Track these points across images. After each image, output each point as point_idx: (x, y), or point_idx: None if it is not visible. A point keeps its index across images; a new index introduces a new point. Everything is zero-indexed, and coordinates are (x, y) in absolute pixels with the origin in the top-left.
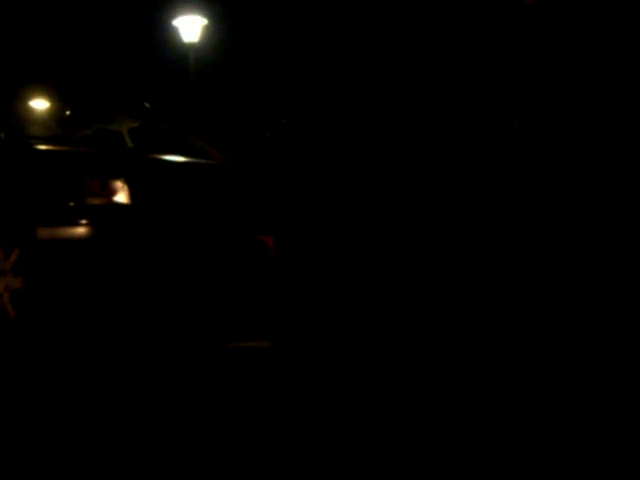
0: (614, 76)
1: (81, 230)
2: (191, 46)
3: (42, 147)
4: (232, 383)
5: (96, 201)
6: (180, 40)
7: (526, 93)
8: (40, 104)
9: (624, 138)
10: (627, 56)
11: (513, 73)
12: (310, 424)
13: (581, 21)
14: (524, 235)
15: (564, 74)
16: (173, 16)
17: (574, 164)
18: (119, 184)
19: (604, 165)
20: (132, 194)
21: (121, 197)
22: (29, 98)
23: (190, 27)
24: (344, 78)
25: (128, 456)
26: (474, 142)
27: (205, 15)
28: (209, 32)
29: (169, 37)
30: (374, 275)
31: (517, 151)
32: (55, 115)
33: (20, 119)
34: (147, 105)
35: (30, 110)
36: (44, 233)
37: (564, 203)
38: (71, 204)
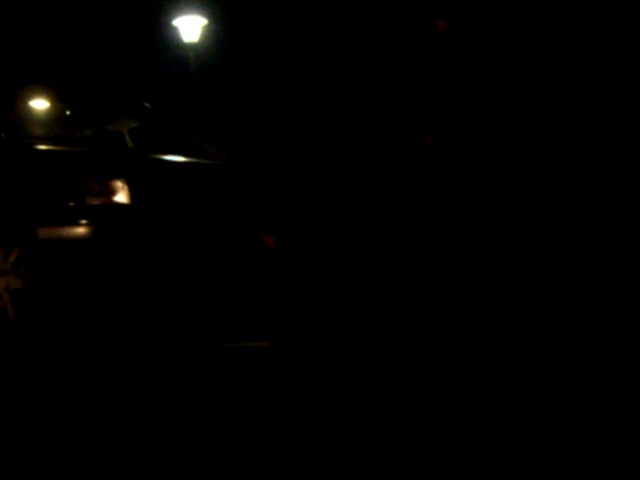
0: (517, 97)
1: (81, 230)
2: (191, 46)
3: (42, 147)
4: (232, 383)
5: (96, 201)
6: (180, 40)
7: (440, 110)
8: (40, 104)
9: (526, 152)
10: (527, 77)
11: (429, 93)
12: (310, 424)
13: (486, 48)
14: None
15: (472, 94)
16: (173, 16)
17: (482, 174)
18: (119, 184)
19: (511, 175)
20: (132, 194)
21: (121, 197)
22: (29, 98)
23: (190, 27)
24: (343, 78)
25: (128, 456)
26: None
27: (205, 15)
28: (209, 32)
29: (169, 37)
30: (375, 275)
31: (431, 162)
32: (55, 115)
33: (20, 119)
34: (147, 105)
35: (30, 110)
36: (44, 233)
37: (477, 209)
38: (71, 204)
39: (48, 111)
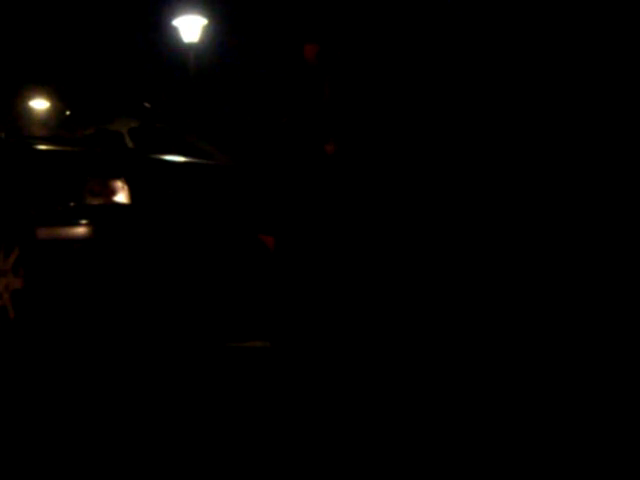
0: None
1: (81, 230)
2: (191, 46)
3: (42, 147)
4: (232, 383)
5: (96, 201)
6: (180, 40)
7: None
8: (40, 104)
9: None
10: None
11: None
12: (309, 424)
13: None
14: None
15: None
16: (173, 16)
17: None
18: (119, 184)
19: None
20: (132, 194)
21: (121, 197)
22: (29, 98)
23: (190, 27)
24: (343, 78)
25: (128, 456)
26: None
27: (205, 15)
28: (209, 32)
29: (169, 37)
30: (374, 274)
31: (332, 169)
32: (55, 115)
33: (20, 119)
34: (147, 105)
35: (30, 110)
36: (44, 233)
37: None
38: (71, 204)
39: (48, 111)
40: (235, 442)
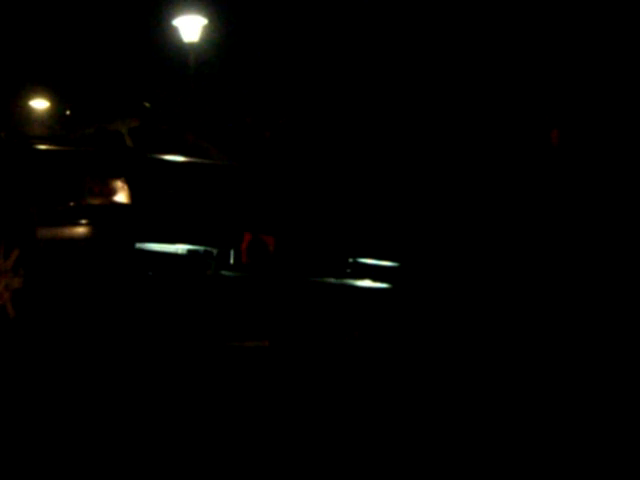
0: None
1: (81, 230)
2: (191, 46)
3: (42, 147)
4: (232, 383)
5: (96, 201)
6: (180, 40)
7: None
8: (40, 104)
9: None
10: None
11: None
12: (310, 424)
13: None
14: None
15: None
16: (173, 16)
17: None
18: (119, 184)
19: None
20: (132, 194)
21: (121, 197)
22: (29, 98)
23: (190, 27)
24: (343, 79)
25: (128, 456)
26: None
27: (205, 15)
28: (209, 32)
29: (169, 37)
30: (373, 274)
31: (555, 161)
32: (55, 115)
33: (20, 119)
34: (147, 105)
35: (30, 110)
36: (44, 233)
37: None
38: (71, 204)
39: (48, 111)
40: (236, 442)
